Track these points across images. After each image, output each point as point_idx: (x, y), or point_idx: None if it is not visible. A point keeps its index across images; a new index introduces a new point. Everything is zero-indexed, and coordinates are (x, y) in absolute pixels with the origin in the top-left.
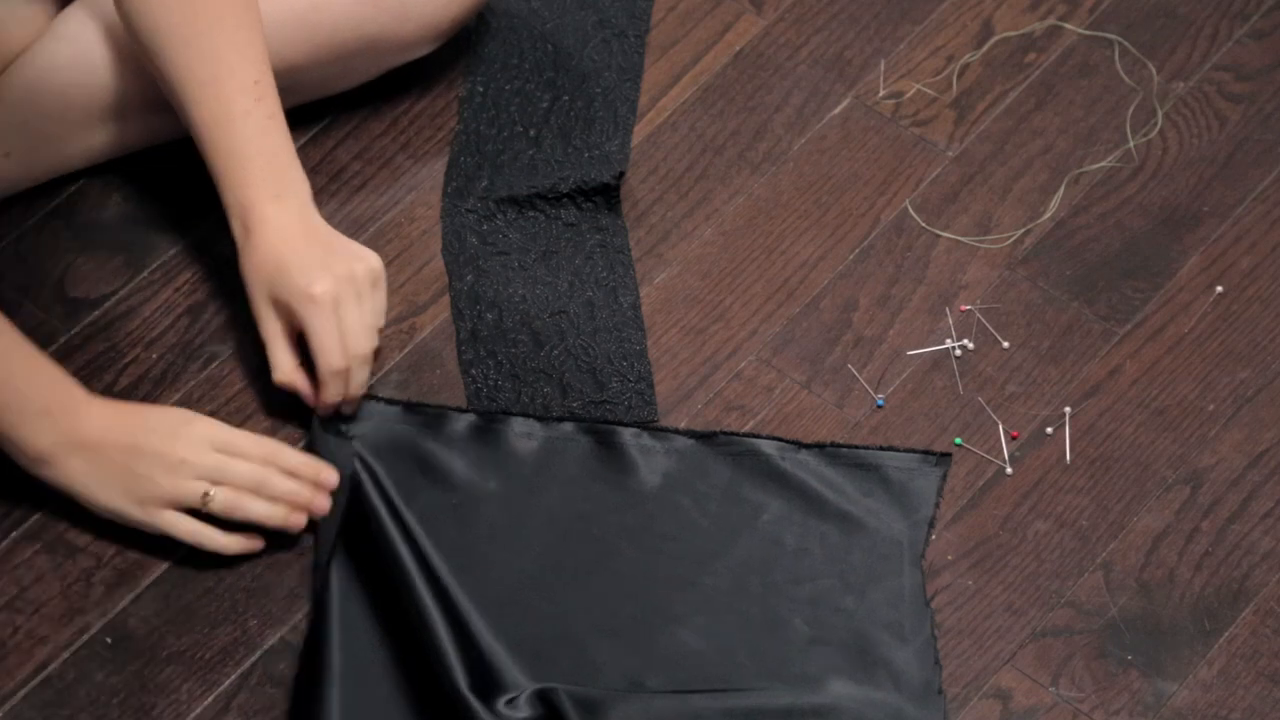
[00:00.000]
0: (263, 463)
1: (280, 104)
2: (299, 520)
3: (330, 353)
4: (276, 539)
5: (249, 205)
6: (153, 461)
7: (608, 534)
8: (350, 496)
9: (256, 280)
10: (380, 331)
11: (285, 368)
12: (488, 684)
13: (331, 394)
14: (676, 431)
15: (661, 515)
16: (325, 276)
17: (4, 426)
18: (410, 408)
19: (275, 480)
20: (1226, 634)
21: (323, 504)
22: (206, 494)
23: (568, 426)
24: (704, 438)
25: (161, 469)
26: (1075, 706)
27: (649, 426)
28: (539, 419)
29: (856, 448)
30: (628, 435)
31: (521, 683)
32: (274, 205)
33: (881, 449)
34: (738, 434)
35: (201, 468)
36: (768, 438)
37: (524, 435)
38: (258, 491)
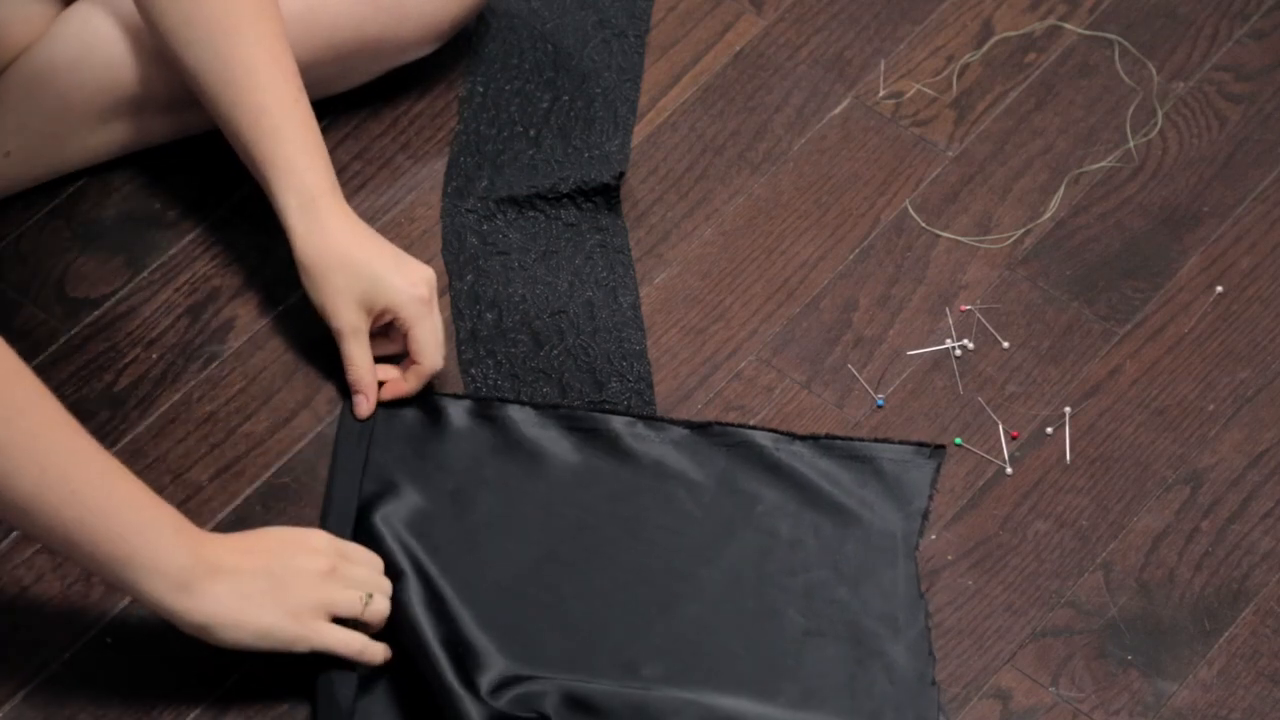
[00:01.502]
0: (372, 567)
1: None
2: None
3: (435, 353)
4: None
5: (316, 192)
6: (303, 572)
7: (603, 524)
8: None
9: (335, 276)
10: None
11: (367, 365)
12: (472, 670)
13: (413, 391)
14: (671, 422)
15: (656, 506)
16: (421, 280)
17: (143, 555)
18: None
19: (386, 581)
20: (1226, 634)
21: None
22: (370, 596)
23: (562, 415)
24: (699, 429)
25: (316, 578)
26: (1075, 706)
27: (644, 417)
28: (535, 407)
29: (851, 439)
30: (623, 426)
31: (506, 669)
32: (334, 196)
33: (876, 441)
34: (732, 425)
35: (350, 577)
36: (762, 429)
37: (521, 423)
38: (377, 590)
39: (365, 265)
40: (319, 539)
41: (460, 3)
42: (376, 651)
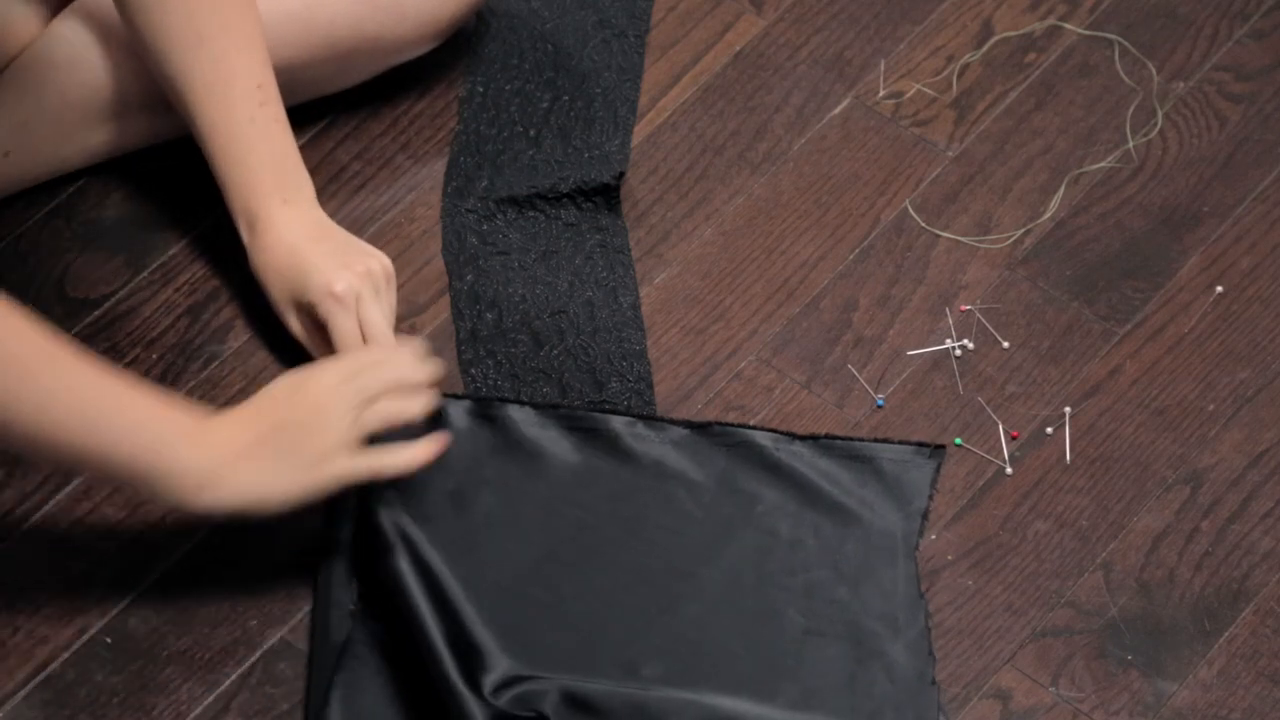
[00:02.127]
0: (389, 365)
1: (282, 106)
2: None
3: (353, 350)
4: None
5: (256, 211)
6: (308, 419)
7: (603, 524)
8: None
9: (276, 284)
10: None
11: None
12: (475, 670)
13: None
14: (671, 422)
15: (656, 505)
16: (345, 273)
17: (159, 470)
18: None
19: (410, 367)
20: (1226, 634)
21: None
22: (368, 405)
23: (562, 415)
24: (699, 429)
25: (320, 420)
26: (1075, 706)
27: (644, 417)
28: (535, 407)
29: (851, 439)
30: (623, 426)
31: (505, 668)
32: (281, 209)
33: (876, 441)
34: (732, 425)
35: (349, 395)
36: (762, 429)
37: (520, 423)
38: (403, 385)
39: (297, 267)
40: (326, 375)
41: (458, 1)
42: (407, 457)
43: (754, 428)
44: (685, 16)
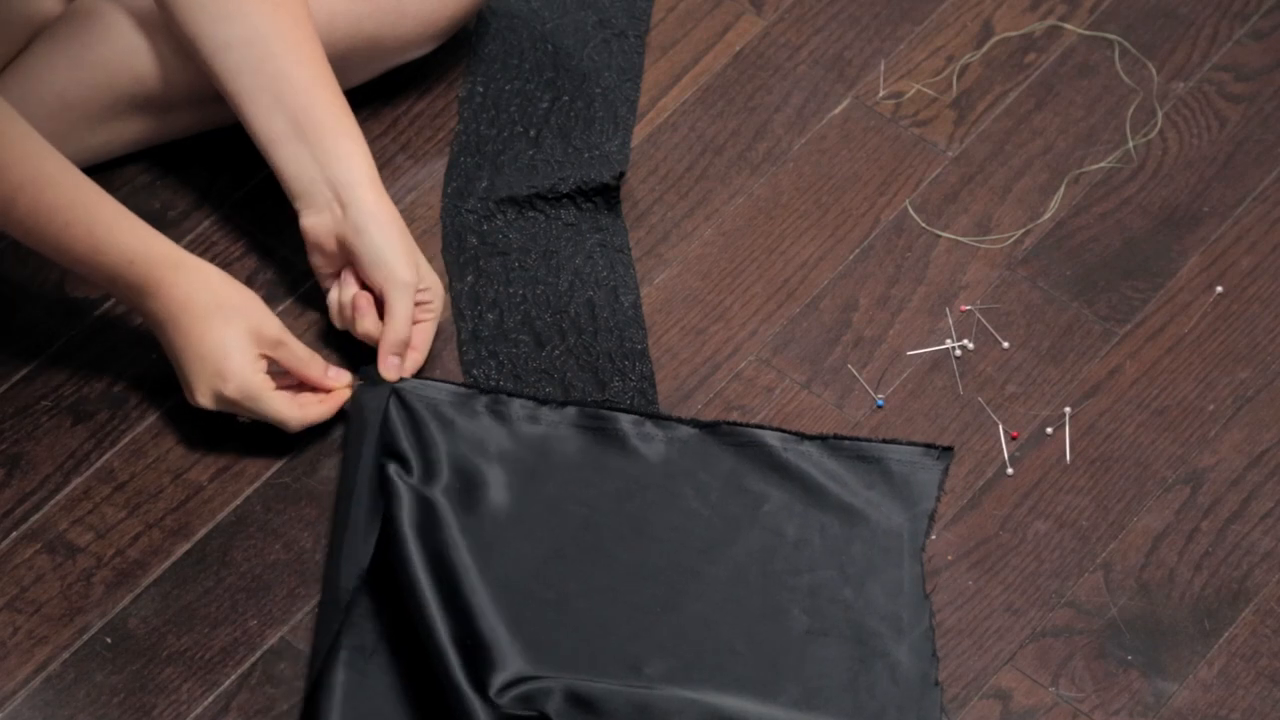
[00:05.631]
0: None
1: None
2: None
3: (402, 333)
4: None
5: (367, 168)
6: (208, 355)
7: (609, 521)
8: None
9: (403, 235)
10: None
11: (410, 323)
12: (482, 669)
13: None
14: (679, 421)
15: (663, 504)
16: (437, 282)
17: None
18: (407, 391)
19: (289, 421)
20: (1226, 634)
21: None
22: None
23: (570, 412)
24: (706, 428)
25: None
26: (1075, 706)
27: (652, 415)
28: (542, 402)
29: (859, 440)
30: (630, 424)
31: (516, 668)
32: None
33: (884, 441)
34: (740, 424)
35: (241, 388)
36: (770, 428)
37: (527, 420)
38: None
39: (409, 244)
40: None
41: (459, 2)
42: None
43: (762, 427)
44: (685, 16)
